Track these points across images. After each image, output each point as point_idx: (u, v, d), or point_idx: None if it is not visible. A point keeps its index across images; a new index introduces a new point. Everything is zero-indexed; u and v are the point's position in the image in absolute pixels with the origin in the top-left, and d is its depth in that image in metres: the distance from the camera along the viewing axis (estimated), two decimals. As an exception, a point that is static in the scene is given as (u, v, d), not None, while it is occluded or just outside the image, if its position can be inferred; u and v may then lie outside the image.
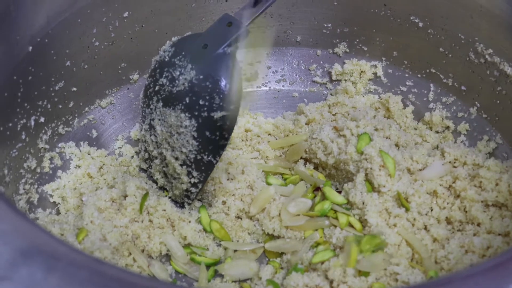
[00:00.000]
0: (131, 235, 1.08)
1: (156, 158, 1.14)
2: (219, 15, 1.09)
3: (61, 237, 1.05)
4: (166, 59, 1.10)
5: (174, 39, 1.12)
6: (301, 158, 1.23)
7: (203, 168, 1.08)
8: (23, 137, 1.08)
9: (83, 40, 1.17)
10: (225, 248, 1.10)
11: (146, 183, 1.16)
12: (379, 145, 1.11)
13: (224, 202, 1.13)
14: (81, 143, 1.22)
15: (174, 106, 1.07)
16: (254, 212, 1.11)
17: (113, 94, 1.28)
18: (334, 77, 1.36)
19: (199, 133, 1.05)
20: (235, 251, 1.10)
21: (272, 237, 1.11)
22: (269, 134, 1.27)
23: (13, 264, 0.70)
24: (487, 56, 1.18)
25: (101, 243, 1.03)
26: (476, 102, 1.24)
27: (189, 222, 1.11)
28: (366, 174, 1.10)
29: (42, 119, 1.12)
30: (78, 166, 1.20)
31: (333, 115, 1.28)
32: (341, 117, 1.25)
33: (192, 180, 1.10)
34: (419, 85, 1.30)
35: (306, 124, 1.26)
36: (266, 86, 1.38)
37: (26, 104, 1.08)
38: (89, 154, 1.22)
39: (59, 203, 1.15)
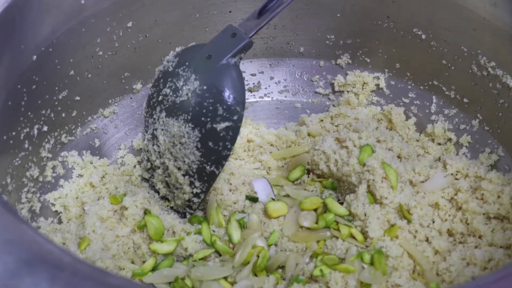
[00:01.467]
0: (132, 245, 1.08)
1: (159, 168, 1.14)
2: (223, 25, 1.10)
3: (63, 246, 1.05)
4: (169, 69, 1.11)
5: (178, 49, 1.13)
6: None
7: (205, 178, 1.08)
8: (26, 146, 1.08)
9: (87, 49, 1.17)
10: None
11: (149, 192, 1.16)
12: (382, 156, 1.11)
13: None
14: (84, 152, 1.22)
15: (177, 116, 1.07)
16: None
17: (116, 104, 1.28)
18: (336, 88, 1.36)
19: (202, 143, 1.05)
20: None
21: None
22: (272, 145, 1.26)
23: (17, 274, 0.70)
24: (489, 69, 1.18)
25: (103, 252, 1.03)
26: (478, 115, 1.24)
27: (190, 233, 1.11)
28: (368, 186, 1.10)
29: (45, 128, 1.13)
30: (80, 175, 1.20)
31: (336, 126, 1.28)
32: (344, 129, 1.25)
33: (195, 190, 1.10)
34: (421, 97, 1.30)
35: (308, 135, 1.26)
36: (268, 96, 1.38)
37: (29, 113, 1.08)
38: (91, 163, 1.22)
39: (61, 212, 1.15)
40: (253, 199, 1.14)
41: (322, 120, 1.30)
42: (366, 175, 1.10)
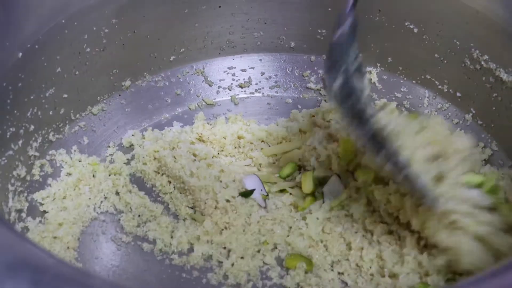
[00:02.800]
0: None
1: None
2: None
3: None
4: None
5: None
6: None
7: None
8: (13, 145, 1.06)
9: (74, 46, 1.15)
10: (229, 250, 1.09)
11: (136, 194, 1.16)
12: None
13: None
14: (72, 150, 1.21)
15: None
16: None
17: (104, 101, 1.26)
18: (328, 83, 1.34)
19: None
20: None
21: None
22: (262, 141, 1.25)
23: (-2, 277, 0.69)
24: (482, 62, 1.17)
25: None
26: (472, 109, 1.23)
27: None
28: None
29: (32, 127, 1.11)
30: (69, 174, 1.18)
31: (327, 122, 1.26)
32: (335, 124, 1.24)
33: None
34: (414, 91, 1.29)
35: (299, 131, 1.24)
36: (259, 92, 1.36)
37: (16, 111, 1.06)
38: (80, 161, 1.20)
39: (48, 212, 1.13)
40: (246, 194, 1.13)
41: (313, 116, 1.28)
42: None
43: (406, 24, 1.23)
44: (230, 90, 1.35)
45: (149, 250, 1.09)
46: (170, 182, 1.18)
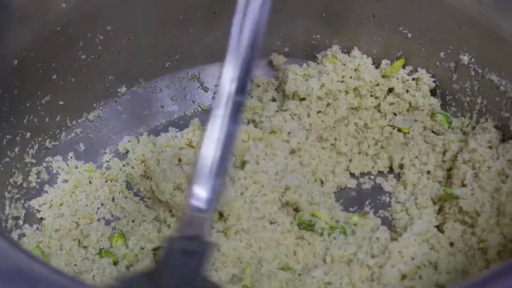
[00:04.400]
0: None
1: None
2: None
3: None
4: None
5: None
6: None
7: None
8: (9, 152, 1.07)
9: (69, 53, 1.15)
10: None
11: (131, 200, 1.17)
12: None
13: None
14: (69, 157, 1.21)
15: None
16: None
17: (100, 108, 1.26)
18: (323, 88, 1.34)
19: None
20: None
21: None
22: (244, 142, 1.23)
23: (-7, 287, 0.69)
24: (476, 67, 1.17)
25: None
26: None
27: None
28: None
29: (28, 134, 1.11)
30: (65, 181, 1.19)
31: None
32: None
33: None
34: (408, 96, 1.29)
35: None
36: (254, 97, 1.36)
37: (12, 119, 1.07)
38: (76, 168, 1.20)
39: (45, 219, 1.13)
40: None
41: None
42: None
43: (400, 29, 1.23)
44: (226, 95, 1.35)
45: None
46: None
